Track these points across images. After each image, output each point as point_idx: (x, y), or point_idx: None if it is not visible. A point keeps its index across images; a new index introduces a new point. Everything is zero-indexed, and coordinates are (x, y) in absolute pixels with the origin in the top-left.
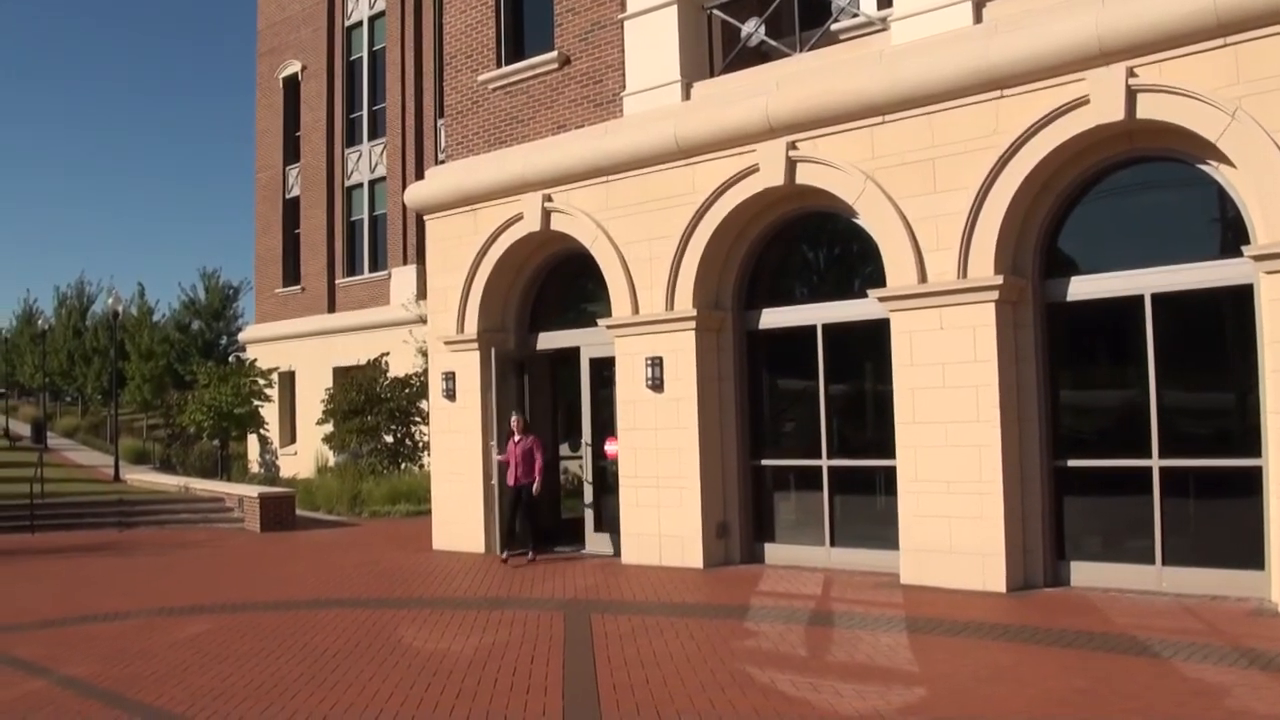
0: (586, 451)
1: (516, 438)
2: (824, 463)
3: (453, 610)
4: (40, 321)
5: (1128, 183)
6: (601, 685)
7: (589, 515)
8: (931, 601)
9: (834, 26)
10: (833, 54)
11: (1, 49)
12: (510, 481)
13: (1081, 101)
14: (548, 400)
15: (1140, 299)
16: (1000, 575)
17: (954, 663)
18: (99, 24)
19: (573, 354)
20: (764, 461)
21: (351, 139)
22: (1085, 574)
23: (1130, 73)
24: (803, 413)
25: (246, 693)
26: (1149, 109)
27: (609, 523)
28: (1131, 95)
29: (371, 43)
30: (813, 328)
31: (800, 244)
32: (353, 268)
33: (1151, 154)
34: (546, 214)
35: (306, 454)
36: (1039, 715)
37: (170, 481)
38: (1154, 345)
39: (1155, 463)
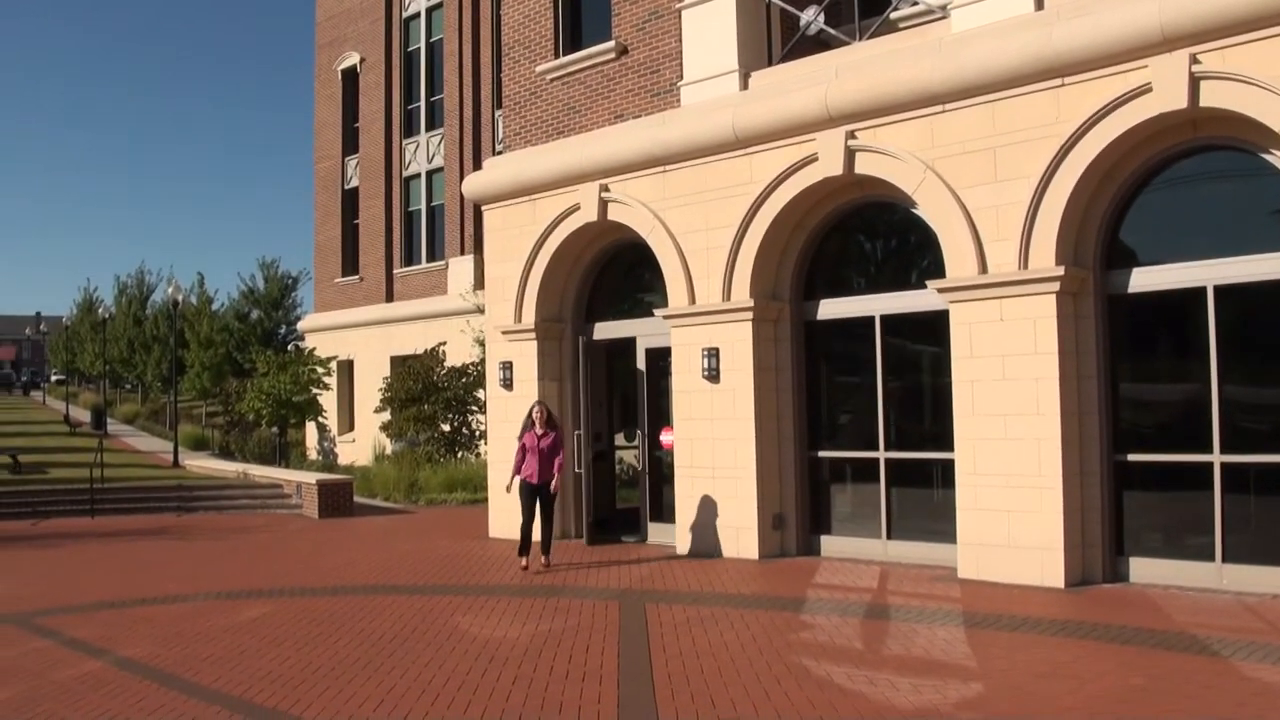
0: (642, 442)
1: (539, 430)
2: (881, 455)
3: (509, 597)
4: (100, 310)
5: (1191, 172)
6: (657, 675)
7: (644, 505)
8: (989, 596)
9: (893, 14)
10: (892, 42)
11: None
12: (528, 477)
13: (1144, 89)
14: (604, 391)
15: (1202, 291)
16: (1059, 570)
17: (1011, 658)
18: (159, 23)
19: (629, 344)
20: (821, 453)
21: (409, 130)
22: (1144, 570)
23: (1193, 59)
24: (860, 404)
25: (303, 676)
26: (1212, 97)
27: (664, 513)
28: (1194, 82)
29: (429, 34)
30: (871, 319)
31: (858, 234)
32: (411, 258)
33: (1215, 143)
34: (603, 204)
35: (364, 442)
36: (1096, 712)
37: (229, 468)
38: (1216, 338)
39: (1216, 458)
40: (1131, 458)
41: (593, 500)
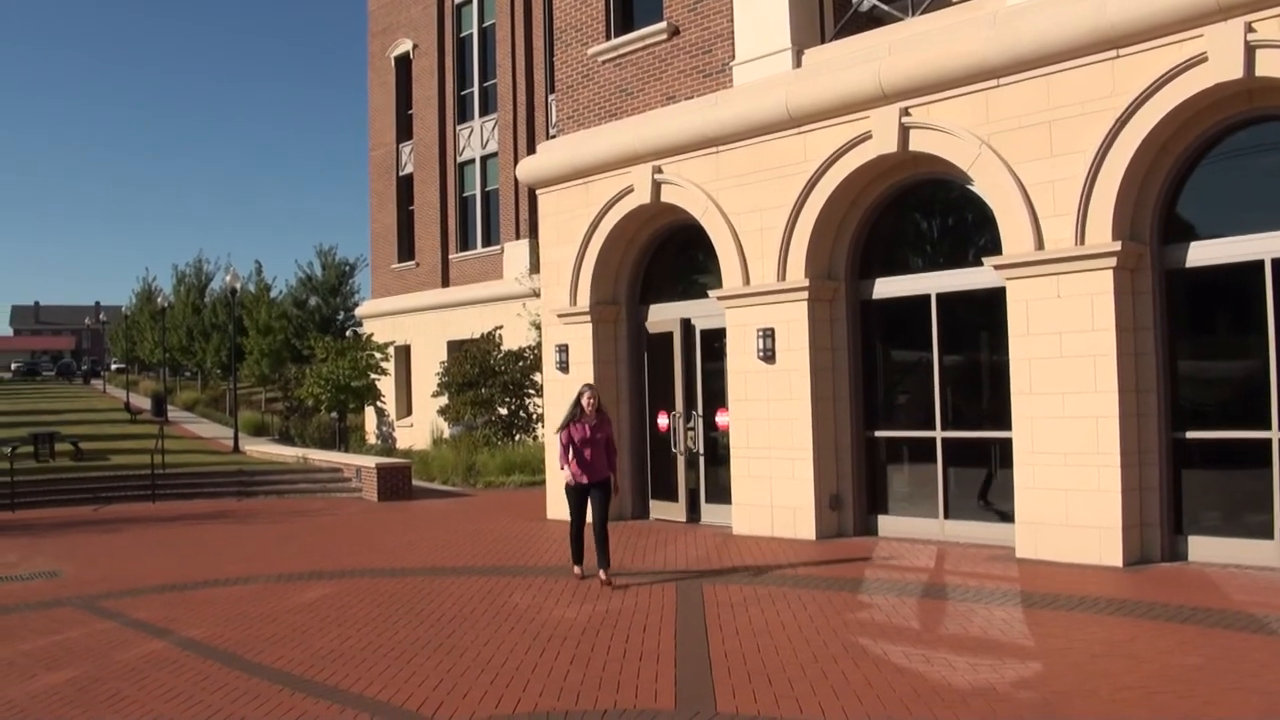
0: (698, 423)
1: (590, 418)
2: (938, 434)
3: (566, 578)
4: (160, 299)
5: (1248, 144)
6: (713, 653)
7: (700, 486)
8: (1047, 575)
9: None
10: (945, 17)
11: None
12: (578, 476)
13: (1199, 59)
14: (659, 372)
15: (1260, 264)
16: (1117, 549)
17: (1069, 637)
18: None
19: (684, 325)
20: (877, 433)
21: (463, 115)
22: (1203, 549)
23: (1249, 28)
24: (916, 384)
25: (364, 655)
26: (1269, 66)
27: (720, 493)
28: (1250, 51)
29: (481, 19)
30: (926, 297)
31: (913, 212)
32: (466, 243)
33: (1272, 113)
34: (657, 186)
35: (422, 426)
36: (1154, 691)
37: (288, 453)
38: (1275, 312)
39: (1276, 435)
40: (1190, 435)
41: (649, 480)
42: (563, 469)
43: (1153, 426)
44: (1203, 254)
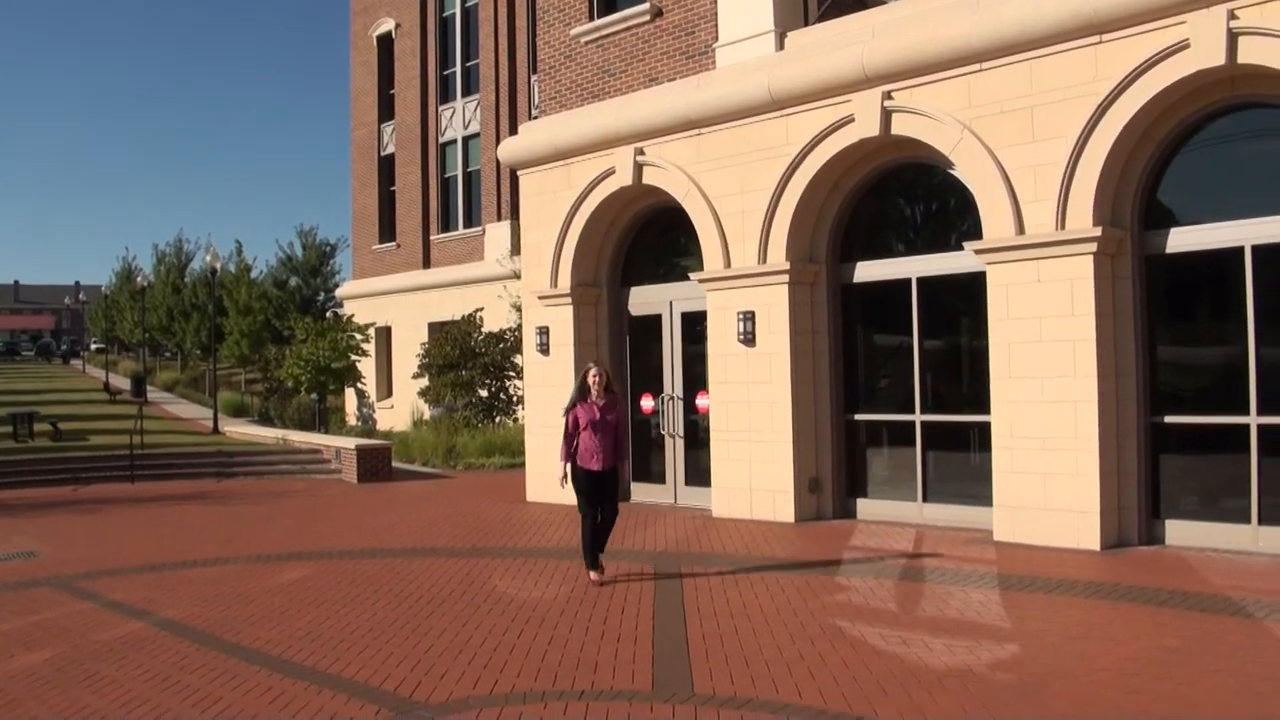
0: (677, 405)
1: (596, 399)
2: (917, 418)
3: (545, 560)
4: (139, 279)
5: (1229, 131)
6: (691, 635)
7: (679, 469)
8: (1024, 558)
9: None
10: (929, 1)
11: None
12: (587, 464)
13: (1182, 45)
14: (640, 354)
15: (1240, 251)
16: (1094, 533)
17: (1045, 619)
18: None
19: (664, 308)
20: (857, 416)
21: (445, 96)
22: (1180, 533)
23: (1231, 15)
24: (896, 367)
25: (341, 636)
26: (1251, 53)
27: (699, 476)
28: (1232, 38)
29: None
30: (907, 281)
31: (895, 196)
32: (447, 224)
33: (1255, 101)
34: (638, 167)
35: (402, 407)
36: (1130, 673)
37: (268, 434)
38: (1254, 299)
39: (1253, 420)
40: (1168, 420)
41: (631, 463)
42: (563, 461)
43: (1131, 411)
44: (1183, 240)
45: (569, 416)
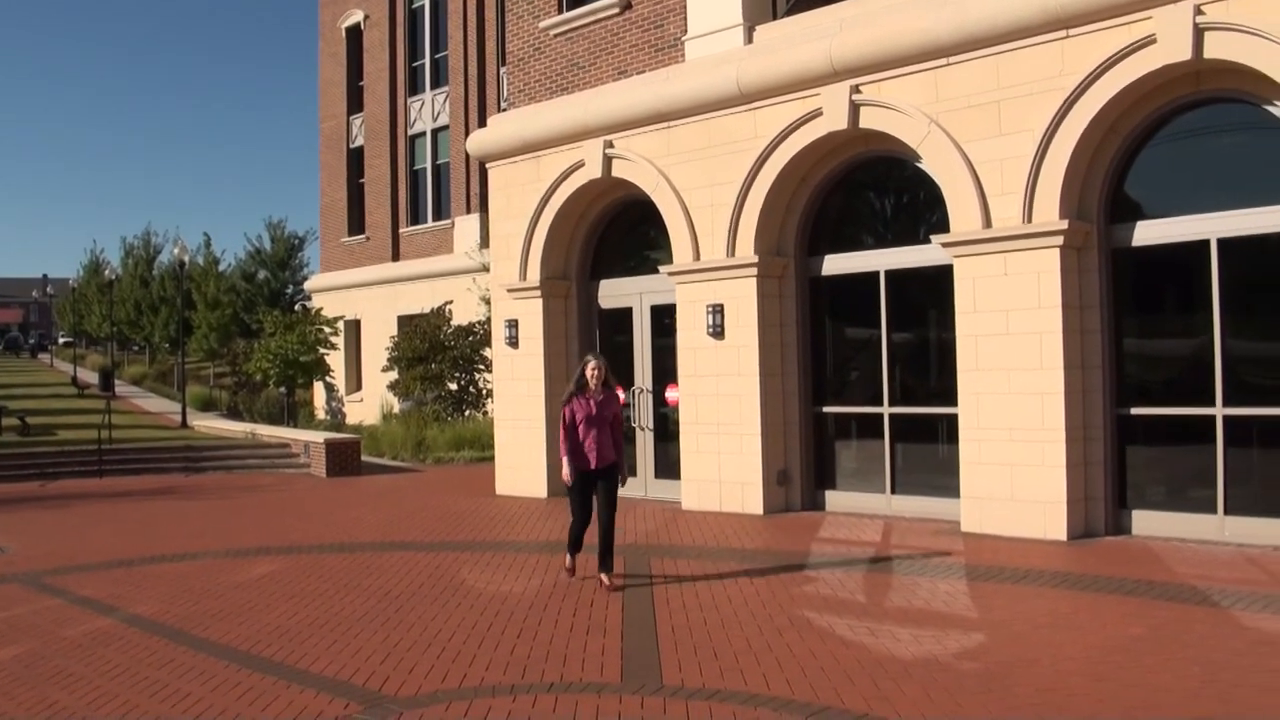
0: (647, 398)
1: (595, 393)
2: (885, 410)
3: (514, 553)
4: (107, 272)
5: (1195, 125)
6: (660, 627)
7: (649, 461)
8: (991, 549)
9: None
10: None
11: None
12: (582, 462)
13: (1148, 40)
14: (609, 348)
15: (1206, 244)
16: (1061, 523)
17: (1012, 609)
18: None
19: (634, 301)
20: (825, 409)
21: (414, 88)
22: (1147, 523)
23: (1198, 10)
24: (865, 360)
25: (310, 630)
26: (1216, 48)
27: (669, 469)
28: (1198, 33)
29: None
30: (875, 274)
31: (864, 189)
32: (416, 217)
33: (1219, 95)
34: (608, 160)
35: (372, 401)
36: (1096, 661)
37: (237, 428)
38: (1219, 291)
39: (1219, 411)
40: (1135, 411)
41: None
42: (564, 456)
43: (1098, 403)
44: (1149, 233)
45: (565, 410)
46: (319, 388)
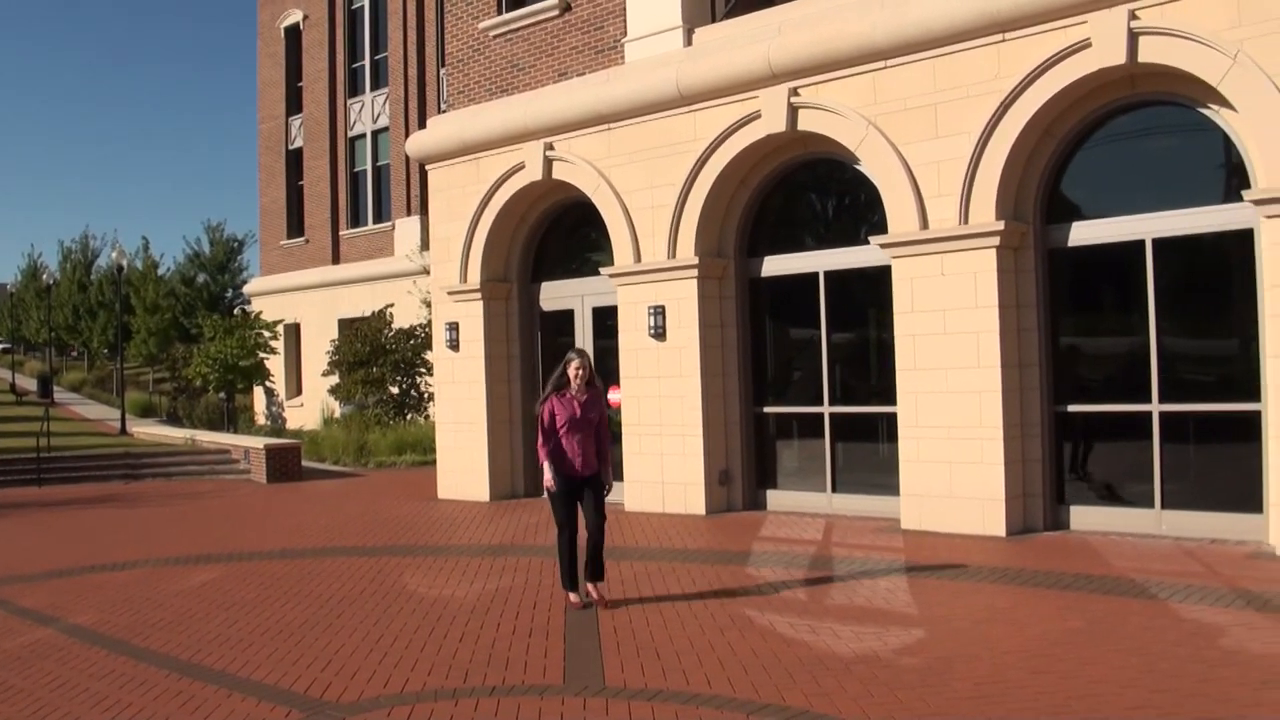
0: None
1: (577, 393)
2: (826, 410)
3: (456, 557)
4: (45, 276)
5: (1130, 127)
6: (603, 628)
7: None
8: (931, 546)
9: None
10: None
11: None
12: (566, 469)
13: (1084, 44)
14: (551, 350)
15: (1141, 244)
16: (1000, 519)
17: (951, 605)
18: None
19: (576, 303)
20: (766, 409)
21: (354, 89)
22: (1085, 518)
23: (1132, 15)
24: (805, 360)
25: (252, 638)
26: (1151, 52)
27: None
28: (1133, 38)
29: None
30: (815, 275)
31: (803, 191)
32: (357, 219)
33: (1154, 98)
34: (548, 162)
35: (312, 406)
36: (1035, 654)
37: (176, 434)
38: (1155, 290)
39: (1155, 407)
40: (1072, 408)
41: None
42: (542, 462)
43: (1035, 400)
44: (1085, 234)
45: (543, 410)
46: (259, 393)
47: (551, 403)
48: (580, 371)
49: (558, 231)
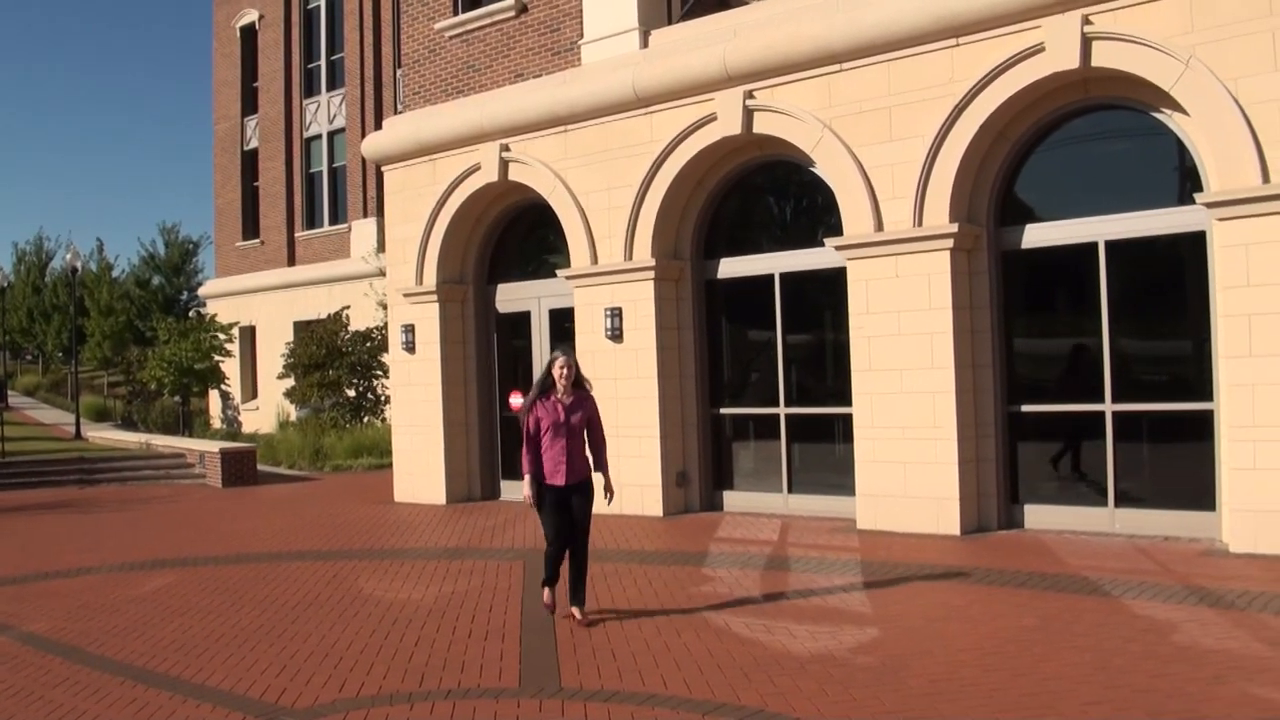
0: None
1: (562, 396)
2: (782, 411)
3: (413, 561)
4: None
5: (1083, 131)
6: (559, 631)
7: None
8: (886, 545)
9: None
10: (792, 0)
11: None
12: (553, 477)
13: (1037, 49)
14: (508, 352)
15: (1094, 246)
16: (954, 519)
17: (906, 604)
18: None
19: (533, 305)
20: (723, 410)
21: (310, 90)
22: (1039, 516)
23: (1086, 20)
24: (761, 362)
25: (207, 644)
26: (1104, 57)
27: None
28: (1087, 43)
29: None
30: (770, 277)
31: (759, 193)
32: (312, 220)
33: (1107, 102)
34: (504, 164)
35: (268, 409)
36: (989, 651)
37: (131, 438)
38: (1108, 292)
39: (1108, 407)
40: (1026, 408)
41: (500, 460)
42: (526, 473)
43: (989, 401)
44: (1039, 236)
45: (529, 418)
46: (214, 396)
47: (536, 408)
48: (565, 371)
49: (514, 233)
